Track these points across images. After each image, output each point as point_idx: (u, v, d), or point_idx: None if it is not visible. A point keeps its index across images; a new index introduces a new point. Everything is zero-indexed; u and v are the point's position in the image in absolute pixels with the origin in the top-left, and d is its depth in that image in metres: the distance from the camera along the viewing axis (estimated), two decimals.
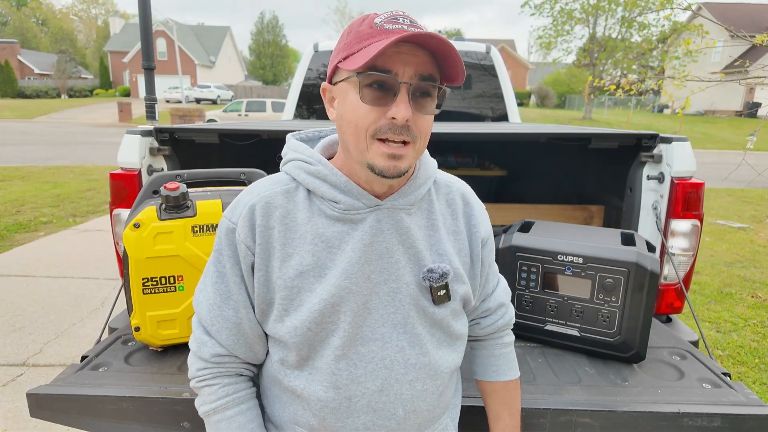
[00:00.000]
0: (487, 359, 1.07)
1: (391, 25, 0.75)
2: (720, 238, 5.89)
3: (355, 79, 0.76)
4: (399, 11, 0.79)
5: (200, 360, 0.90)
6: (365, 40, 0.76)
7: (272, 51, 55.22)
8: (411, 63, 0.75)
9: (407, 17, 0.77)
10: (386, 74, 0.75)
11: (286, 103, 3.89)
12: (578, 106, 36.36)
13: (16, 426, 2.22)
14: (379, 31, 0.75)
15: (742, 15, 29.39)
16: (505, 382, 1.05)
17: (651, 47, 25.05)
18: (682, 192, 1.69)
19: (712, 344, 3.18)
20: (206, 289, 0.89)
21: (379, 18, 0.77)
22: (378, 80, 0.75)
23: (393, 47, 0.74)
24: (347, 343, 0.84)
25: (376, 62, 0.74)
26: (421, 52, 0.76)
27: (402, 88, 0.75)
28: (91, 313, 3.43)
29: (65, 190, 7.85)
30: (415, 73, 0.76)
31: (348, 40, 0.79)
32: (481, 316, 1.05)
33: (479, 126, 2.68)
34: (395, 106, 0.75)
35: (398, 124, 0.75)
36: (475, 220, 0.96)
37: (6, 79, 38.35)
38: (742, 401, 1.19)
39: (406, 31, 0.74)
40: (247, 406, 0.91)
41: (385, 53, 0.74)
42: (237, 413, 0.90)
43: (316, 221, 0.84)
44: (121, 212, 1.78)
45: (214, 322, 0.88)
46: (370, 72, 0.75)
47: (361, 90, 0.76)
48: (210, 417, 0.90)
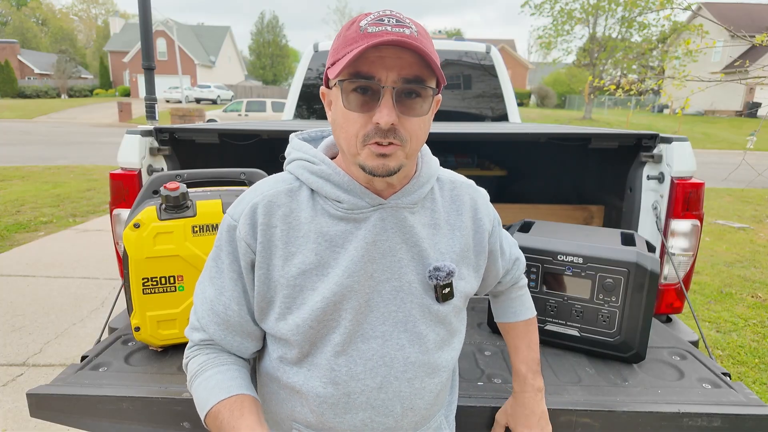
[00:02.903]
0: (504, 303, 1.17)
1: (374, 28, 0.74)
2: (720, 238, 5.89)
3: (340, 86, 0.77)
4: (387, 11, 0.77)
5: (190, 342, 0.93)
6: (349, 45, 0.75)
7: (272, 51, 55.24)
8: (394, 67, 0.74)
9: (394, 17, 0.76)
10: (368, 80, 0.75)
11: (286, 103, 3.89)
12: (578, 106, 36.35)
13: (16, 426, 2.22)
14: (363, 35, 0.74)
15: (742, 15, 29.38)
16: (523, 321, 1.15)
17: (651, 47, 25.04)
18: (682, 192, 1.69)
19: (712, 344, 3.18)
20: (204, 282, 0.92)
21: (365, 20, 0.76)
22: (360, 86, 0.75)
23: (375, 51, 0.73)
24: (348, 340, 0.84)
25: (359, 68, 0.74)
26: (406, 53, 0.75)
27: (385, 93, 0.75)
28: (91, 313, 3.43)
29: (65, 190, 7.85)
30: (399, 77, 0.75)
31: (336, 45, 0.79)
32: (503, 276, 1.12)
33: (479, 126, 2.68)
34: (378, 111, 0.74)
35: (383, 128, 0.75)
36: (481, 214, 0.97)
37: (6, 79, 38.35)
38: (742, 401, 1.19)
39: (388, 33, 0.73)
40: (227, 368, 0.89)
41: (368, 58, 0.73)
42: (216, 372, 0.88)
43: (319, 220, 0.85)
44: (121, 212, 1.77)
45: (204, 315, 0.89)
46: (353, 79, 0.75)
47: (345, 96, 0.77)
48: (192, 384, 0.89)
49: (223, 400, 0.82)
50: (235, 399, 0.83)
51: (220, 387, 0.84)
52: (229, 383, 0.85)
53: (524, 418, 1.09)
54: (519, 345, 1.13)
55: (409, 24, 0.76)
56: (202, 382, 0.86)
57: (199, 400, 0.86)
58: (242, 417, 0.80)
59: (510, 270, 1.12)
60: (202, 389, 0.86)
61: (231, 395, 0.83)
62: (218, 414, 0.81)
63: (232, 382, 0.85)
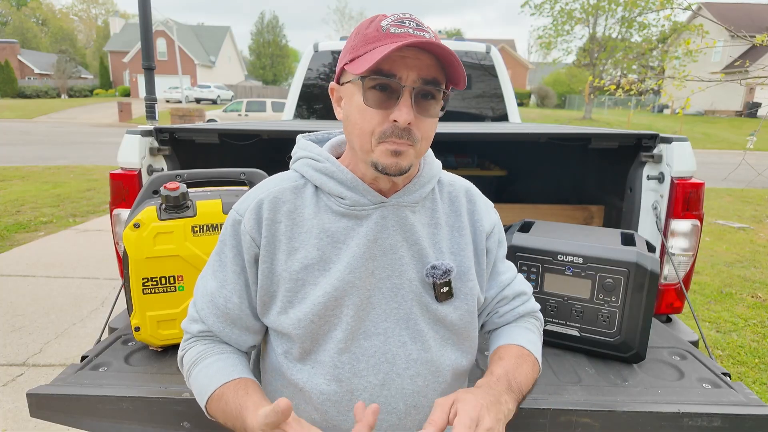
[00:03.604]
0: (502, 332, 1.00)
1: (397, 29, 0.77)
2: (720, 238, 5.88)
3: (360, 82, 0.78)
4: (406, 14, 0.80)
5: (187, 334, 0.93)
6: (371, 44, 0.77)
7: (272, 51, 55.23)
8: (414, 67, 0.77)
9: (414, 20, 0.79)
10: (390, 78, 0.77)
11: (286, 103, 3.88)
12: (578, 106, 36.34)
13: (16, 426, 2.22)
14: (385, 35, 0.77)
15: (742, 15, 29.37)
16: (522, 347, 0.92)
17: (651, 47, 25.04)
18: (682, 192, 1.69)
19: (712, 344, 3.18)
20: (206, 276, 0.93)
21: (385, 21, 0.79)
22: (381, 83, 0.77)
23: (397, 52, 0.75)
24: (350, 337, 0.85)
25: (381, 66, 0.76)
26: (425, 56, 0.77)
27: (405, 92, 0.77)
28: (91, 313, 3.42)
29: (65, 190, 7.85)
30: (419, 77, 0.77)
31: (355, 42, 0.81)
32: (499, 305, 1.02)
33: (479, 126, 2.68)
34: (398, 110, 0.77)
35: (400, 126, 0.77)
36: (479, 215, 0.97)
37: (6, 79, 38.34)
38: (742, 401, 1.19)
39: (411, 35, 0.76)
40: (227, 356, 0.89)
41: (390, 57, 0.75)
42: (216, 360, 0.88)
43: (322, 216, 0.86)
44: (121, 212, 1.77)
45: (204, 306, 0.90)
46: (374, 76, 0.76)
47: (365, 93, 0.78)
48: (191, 373, 0.88)
49: (227, 383, 0.83)
50: (239, 381, 0.84)
51: (222, 372, 0.85)
52: (231, 368, 0.86)
53: (481, 396, 0.75)
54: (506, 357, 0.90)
55: (427, 28, 0.79)
56: (203, 369, 0.87)
57: (200, 387, 0.86)
58: (248, 395, 0.80)
59: (511, 301, 1.01)
60: (203, 376, 0.86)
61: (234, 378, 0.84)
62: (222, 396, 0.82)
63: (234, 368, 0.86)
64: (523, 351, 0.92)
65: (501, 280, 1.00)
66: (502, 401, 0.77)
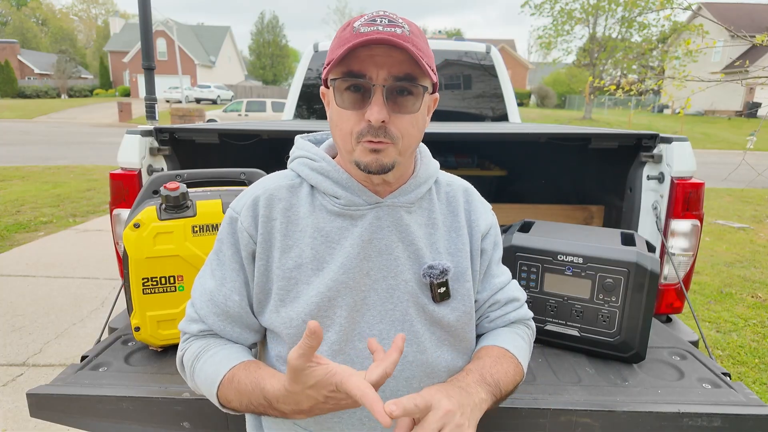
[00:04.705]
0: (488, 335, 0.98)
1: (366, 28, 0.76)
2: (720, 238, 5.88)
3: (334, 84, 0.79)
4: (381, 12, 0.80)
5: (185, 335, 0.92)
6: (343, 45, 0.77)
7: (272, 51, 55.28)
8: (384, 65, 0.76)
9: (386, 17, 0.78)
10: (359, 78, 0.77)
11: (286, 103, 3.89)
12: (578, 106, 36.35)
13: (16, 426, 2.22)
14: (355, 35, 0.76)
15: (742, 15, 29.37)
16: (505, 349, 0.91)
17: (651, 47, 25.04)
18: (682, 192, 1.69)
19: (712, 344, 3.18)
20: (204, 275, 0.92)
21: (358, 21, 0.79)
22: (353, 84, 0.78)
23: (366, 50, 0.75)
24: (344, 339, 0.84)
25: (351, 67, 0.76)
26: (397, 52, 0.76)
27: (376, 90, 0.76)
28: (91, 313, 3.43)
29: (65, 190, 7.85)
30: (389, 75, 0.77)
31: (332, 46, 0.81)
32: (490, 309, 0.99)
33: (479, 126, 2.68)
34: (369, 109, 0.76)
35: (374, 126, 0.77)
36: (475, 215, 0.96)
37: (6, 79, 38.35)
38: (742, 401, 1.19)
39: (378, 33, 0.75)
40: (231, 345, 0.89)
41: (359, 57, 0.76)
42: (221, 349, 0.87)
43: (317, 215, 0.86)
44: (121, 212, 1.78)
45: (203, 306, 0.89)
46: (345, 78, 0.77)
47: (340, 95, 0.79)
48: (195, 367, 0.87)
49: (236, 365, 0.82)
50: (248, 362, 0.83)
51: (229, 357, 0.84)
52: (237, 354, 0.86)
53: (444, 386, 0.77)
54: (484, 357, 0.89)
55: (402, 24, 0.78)
56: (208, 359, 0.85)
57: (207, 376, 0.84)
58: (260, 369, 0.80)
59: (503, 306, 0.99)
60: (210, 365, 0.84)
61: (242, 361, 0.84)
62: (234, 377, 0.81)
63: (240, 354, 0.86)
64: (506, 352, 0.91)
65: (494, 283, 0.99)
66: (472, 392, 0.76)
